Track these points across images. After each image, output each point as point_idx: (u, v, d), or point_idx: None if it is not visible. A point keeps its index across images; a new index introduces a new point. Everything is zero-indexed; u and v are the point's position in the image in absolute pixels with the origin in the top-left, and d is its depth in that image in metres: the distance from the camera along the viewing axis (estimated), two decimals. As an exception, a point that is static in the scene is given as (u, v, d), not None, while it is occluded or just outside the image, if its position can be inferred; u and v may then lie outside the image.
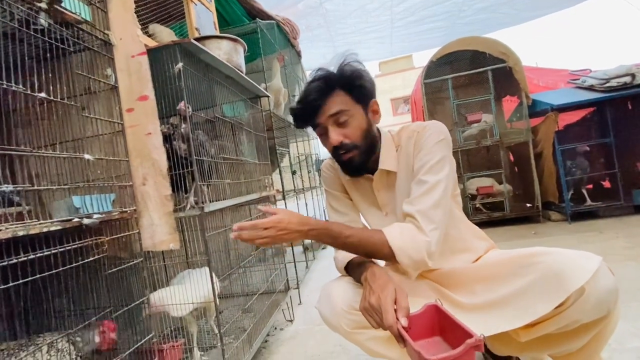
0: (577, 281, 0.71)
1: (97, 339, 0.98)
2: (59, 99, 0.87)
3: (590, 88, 3.22)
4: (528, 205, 3.58)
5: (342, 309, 0.92)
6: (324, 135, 0.97)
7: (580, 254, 0.77)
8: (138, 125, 1.07)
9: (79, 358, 0.96)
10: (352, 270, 0.99)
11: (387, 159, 1.01)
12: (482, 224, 1.13)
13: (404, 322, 0.72)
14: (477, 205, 3.46)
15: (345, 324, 0.92)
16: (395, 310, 0.75)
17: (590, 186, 3.45)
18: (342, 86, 0.93)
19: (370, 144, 0.98)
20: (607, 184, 3.44)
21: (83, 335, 0.97)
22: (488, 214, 3.41)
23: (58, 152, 0.88)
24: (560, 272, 0.74)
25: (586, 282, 0.71)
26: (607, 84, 3.06)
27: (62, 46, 0.91)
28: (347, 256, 1.01)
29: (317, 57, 4.89)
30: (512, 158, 3.98)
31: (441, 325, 0.76)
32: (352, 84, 0.92)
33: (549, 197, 3.33)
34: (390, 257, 0.87)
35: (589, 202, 3.17)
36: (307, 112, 0.96)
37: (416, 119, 4.50)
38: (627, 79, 2.97)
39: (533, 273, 0.79)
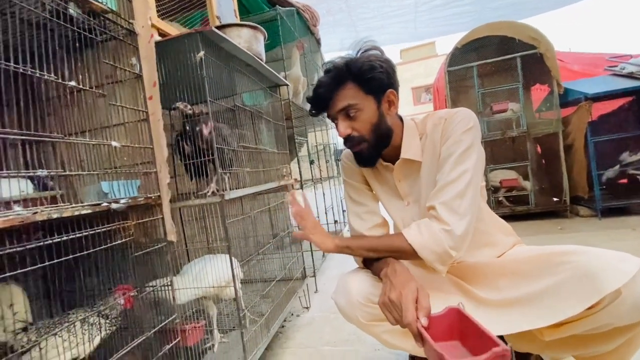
0: (613, 283, 0.68)
1: (121, 301, 1.04)
2: (87, 88, 0.90)
3: (630, 76, 3.01)
4: (554, 199, 3.44)
5: (359, 301, 0.93)
6: (336, 125, 0.98)
7: (617, 255, 0.73)
8: (155, 112, 1.09)
9: (109, 330, 1.02)
10: (371, 264, 0.98)
11: (410, 148, 0.98)
12: (504, 218, 1.09)
13: (424, 321, 0.72)
14: (500, 198, 3.36)
15: (361, 315, 0.93)
16: (416, 309, 0.75)
17: (625, 181, 3.26)
18: (353, 79, 0.91)
19: (381, 136, 0.96)
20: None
21: (109, 303, 1.03)
22: (511, 208, 3.30)
23: (87, 139, 0.91)
24: (594, 272, 0.71)
25: (623, 285, 0.68)
26: (649, 72, 2.86)
27: (90, 36, 0.93)
28: None
29: (336, 42, 4.81)
30: (539, 150, 3.82)
31: (462, 330, 0.74)
32: (363, 77, 0.90)
33: (578, 192, 3.18)
34: (415, 257, 0.87)
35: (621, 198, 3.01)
36: (318, 104, 0.97)
37: (438, 108, 4.37)
38: (672, 66, 2.76)
39: (564, 272, 0.76)
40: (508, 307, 0.86)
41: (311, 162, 2.80)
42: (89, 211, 0.82)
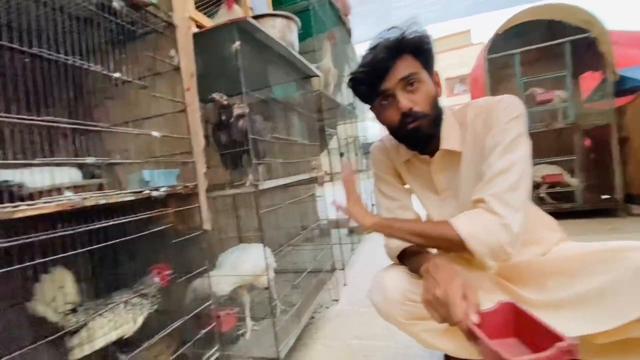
0: None
1: (157, 280, 1.08)
2: (131, 79, 0.93)
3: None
4: (604, 197, 3.17)
5: (396, 299, 0.90)
6: (386, 106, 0.89)
7: None
8: (192, 103, 1.12)
9: (150, 310, 1.07)
10: (407, 259, 0.94)
11: (449, 138, 0.92)
12: (547, 215, 1.01)
13: (475, 318, 0.67)
14: (542, 195, 3.15)
15: (399, 314, 0.90)
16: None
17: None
18: (410, 50, 0.85)
19: (438, 115, 0.90)
20: None
21: (147, 282, 1.08)
22: (554, 205, 3.09)
23: (130, 129, 0.94)
24: None
25: None
26: None
27: (132, 28, 0.96)
28: (400, 244, 0.97)
29: (367, 33, 4.69)
30: (587, 143, 3.53)
31: (517, 326, 0.69)
32: (421, 48, 0.85)
33: (633, 189, 2.91)
34: (460, 247, 0.79)
35: None
36: (372, 77, 0.87)
37: (476, 98, 4.16)
38: None
39: (621, 269, 0.69)
40: (559, 308, 0.80)
41: (341, 155, 2.77)
42: (132, 198, 0.86)
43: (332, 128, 2.83)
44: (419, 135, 0.89)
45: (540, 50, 3.17)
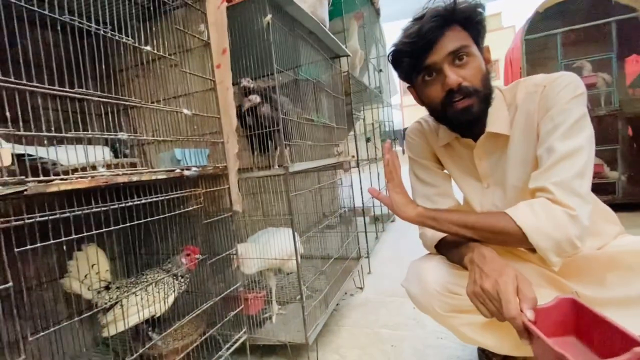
0: None
1: (184, 261, 1.06)
2: (161, 54, 0.89)
3: None
4: (647, 190, 2.96)
5: (436, 290, 0.84)
6: (430, 82, 0.81)
7: None
8: (223, 81, 1.07)
9: (180, 290, 1.07)
10: (447, 249, 0.88)
11: (496, 120, 0.84)
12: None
13: (530, 314, 0.61)
14: (578, 186, 2.97)
15: (438, 306, 0.85)
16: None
17: None
18: (460, 22, 0.77)
19: (488, 93, 0.81)
20: None
21: (177, 262, 1.06)
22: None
23: (161, 106, 0.92)
24: None
25: None
26: None
27: (164, 1, 0.92)
28: (437, 234, 0.90)
29: (396, 13, 4.49)
30: (630, 132, 3.28)
31: (578, 323, 0.63)
32: (472, 20, 0.77)
33: (681, 182, 2.70)
34: (521, 242, 0.71)
35: None
36: (418, 48, 0.78)
37: (511, 82, 3.94)
38: None
39: None
40: (620, 307, 0.72)
41: (367, 140, 2.69)
42: (164, 176, 0.83)
43: (357, 112, 2.75)
44: (467, 114, 0.80)
45: (582, 31, 2.93)
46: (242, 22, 1.14)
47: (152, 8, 1.02)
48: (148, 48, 0.85)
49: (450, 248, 0.87)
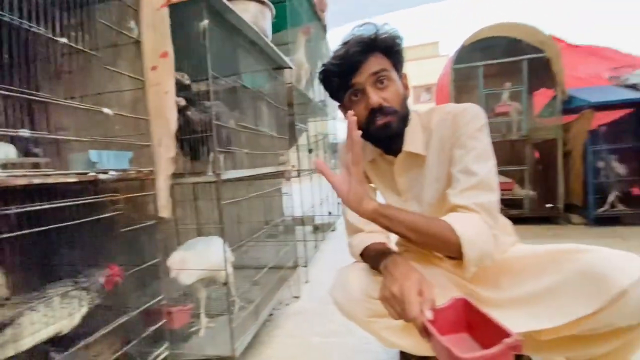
0: (620, 283, 0.66)
1: (102, 280, 0.98)
2: (80, 47, 0.83)
3: (634, 87, 3.01)
4: (548, 205, 3.45)
5: (358, 297, 0.89)
6: (356, 102, 0.88)
7: (624, 255, 0.71)
8: (160, 83, 1.03)
9: (91, 304, 0.97)
10: (369, 257, 0.94)
11: (413, 141, 0.94)
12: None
13: (429, 315, 0.67)
14: (495, 201, 3.36)
15: (361, 312, 0.89)
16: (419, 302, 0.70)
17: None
18: (382, 49, 0.85)
19: (406, 114, 0.91)
20: (636, 190, 3.27)
21: (91, 276, 0.98)
22: (505, 211, 3.30)
23: (77, 103, 0.85)
24: (603, 272, 0.69)
25: (629, 285, 0.65)
26: (653, 84, 2.85)
27: (85, -9, 0.86)
28: (363, 242, 0.96)
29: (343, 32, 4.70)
30: (537, 155, 3.82)
31: (469, 321, 0.71)
32: (393, 48, 0.85)
33: (573, 199, 3.19)
34: (452, 250, 0.77)
35: (617, 207, 3.02)
36: (344, 69, 0.85)
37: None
38: (677, 80, 2.75)
39: (569, 270, 0.74)
40: (512, 306, 0.83)
41: (310, 151, 2.75)
42: (75, 179, 0.77)
43: (302, 123, 2.80)
44: (387, 131, 0.88)
45: (501, 65, 3.38)
46: (178, 23, 1.11)
47: (75, -2, 0.95)
48: (64, 40, 0.79)
49: (372, 256, 0.93)
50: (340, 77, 0.87)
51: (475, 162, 0.83)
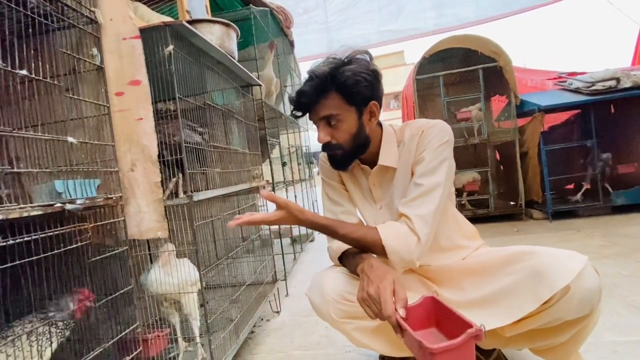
0: (562, 280, 0.74)
1: (71, 306, 0.95)
2: (41, 78, 0.82)
3: (576, 90, 3.29)
4: (512, 203, 3.67)
5: (333, 298, 0.94)
6: (318, 127, 0.98)
7: (565, 254, 0.79)
8: (128, 109, 1.04)
9: (61, 339, 0.93)
10: (347, 260, 0.99)
11: (388, 155, 1.01)
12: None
13: (402, 312, 0.74)
14: (463, 202, 3.53)
15: (334, 312, 0.94)
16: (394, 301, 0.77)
17: (571, 186, 3.56)
18: (336, 89, 0.91)
19: (358, 145, 0.99)
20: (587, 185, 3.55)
21: (60, 306, 0.94)
22: (473, 211, 3.47)
23: (40, 134, 0.83)
24: (546, 271, 0.77)
25: (571, 281, 0.73)
26: (593, 87, 3.14)
27: (45, 22, 0.86)
28: (341, 247, 1.02)
29: (311, 42, 4.80)
30: (498, 157, 4.06)
31: (437, 316, 0.78)
32: (347, 90, 0.91)
33: (532, 196, 3.42)
34: (382, 254, 0.91)
35: (578, 199, 3.27)
36: (301, 107, 0.98)
37: (407, 115, 4.52)
38: (612, 83, 3.05)
39: (519, 272, 0.82)
40: (473, 307, 0.90)
41: (283, 164, 2.77)
42: (40, 212, 0.75)
43: (274, 137, 2.82)
44: (335, 161, 1.01)
45: (461, 74, 3.60)
46: (145, 48, 1.12)
47: (33, 27, 0.94)
48: (24, 72, 0.78)
49: (350, 259, 0.99)
50: (300, 113, 1.00)
51: (426, 176, 0.92)
